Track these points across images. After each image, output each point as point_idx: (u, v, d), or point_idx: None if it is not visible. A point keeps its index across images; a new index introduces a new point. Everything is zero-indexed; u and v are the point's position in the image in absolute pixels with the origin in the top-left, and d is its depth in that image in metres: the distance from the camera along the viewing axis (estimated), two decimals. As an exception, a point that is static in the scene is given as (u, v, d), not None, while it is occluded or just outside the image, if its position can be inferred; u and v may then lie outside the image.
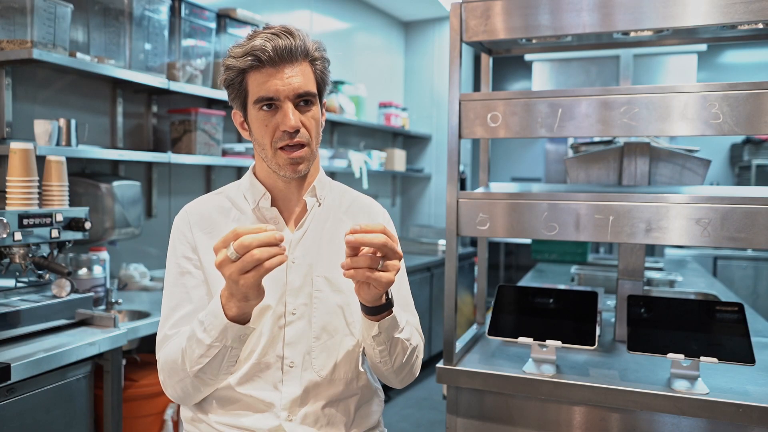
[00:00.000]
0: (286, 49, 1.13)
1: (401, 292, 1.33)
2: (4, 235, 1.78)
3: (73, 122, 2.33)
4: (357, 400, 1.26)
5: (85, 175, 2.51)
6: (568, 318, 1.60)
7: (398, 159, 5.06)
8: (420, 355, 1.28)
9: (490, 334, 1.62)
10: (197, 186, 3.33)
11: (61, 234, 1.97)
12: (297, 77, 1.15)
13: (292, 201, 1.26)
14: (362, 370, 1.26)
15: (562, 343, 1.52)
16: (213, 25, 3.02)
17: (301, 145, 1.17)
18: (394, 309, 1.14)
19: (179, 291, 1.22)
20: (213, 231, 1.24)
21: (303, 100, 1.17)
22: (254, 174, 1.28)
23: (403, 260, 1.31)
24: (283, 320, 1.20)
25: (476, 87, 6.00)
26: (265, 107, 1.15)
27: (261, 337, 1.19)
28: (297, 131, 1.15)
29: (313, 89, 1.18)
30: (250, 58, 1.13)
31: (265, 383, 1.19)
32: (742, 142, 5.41)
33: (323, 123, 1.24)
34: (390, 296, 1.12)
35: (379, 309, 1.11)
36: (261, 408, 1.19)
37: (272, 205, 1.25)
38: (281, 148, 1.16)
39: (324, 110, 1.25)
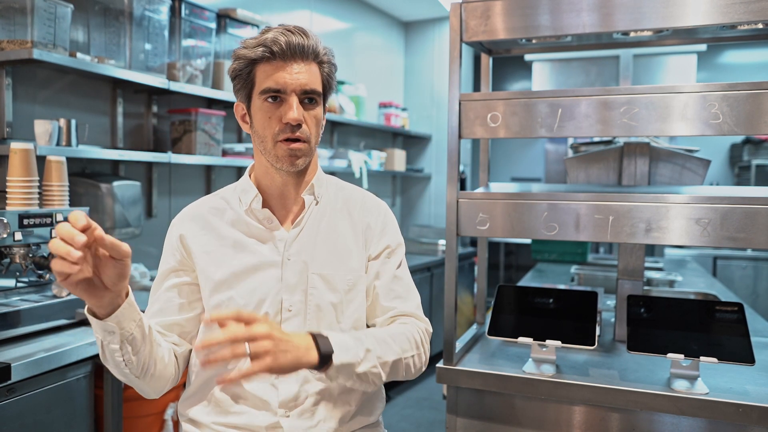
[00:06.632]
0: (299, 46, 1.16)
1: (402, 281, 1.31)
2: (5, 235, 1.78)
3: (73, 122, 2.33)
4: (357, 396, 1.26)
5: (86, 175, 2.51)
6: (568, 318, 1.60)
7: (398, 159, 5.06)
8: (417, 352, 1.23)
9: (490, 334, 1.62)
10: (197, 186, 3.33)
11: (61, 234, 1.97)
12: (304, 74, 1.17)
13: (290, 199, 1.27)
14: None
15: (562, 343, 1.52)
16: (213, 25, 3.02)
17: (301, 140, 1.18)
18: (341, 341, 1.09)
19: (156, 291, 1.29)
20: (207, 229, 1.26)
21: (308, 98, 1.19)
22: (250, 175, 1.29)
23: (401, 246, 1.33)
24: (279, 317, 1.21)
25: (476, 87, 6.00)
26: (270, 99, 1.17)
27: None
28: (299, 126, 1.17)
29: (319, 89, 1.20)
30: (261, 48, 1.15)
31: (262, 381, 1.20)
32: (741, 142, 5.40)
33: (323, 125, 1.26)
34: (323, 350, 1.06)
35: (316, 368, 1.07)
36: (258, 405, 1.19)
37: (268, 203, 1.26)
38: (281, 140, 1.18)
39: (325, 113, 1.27)
